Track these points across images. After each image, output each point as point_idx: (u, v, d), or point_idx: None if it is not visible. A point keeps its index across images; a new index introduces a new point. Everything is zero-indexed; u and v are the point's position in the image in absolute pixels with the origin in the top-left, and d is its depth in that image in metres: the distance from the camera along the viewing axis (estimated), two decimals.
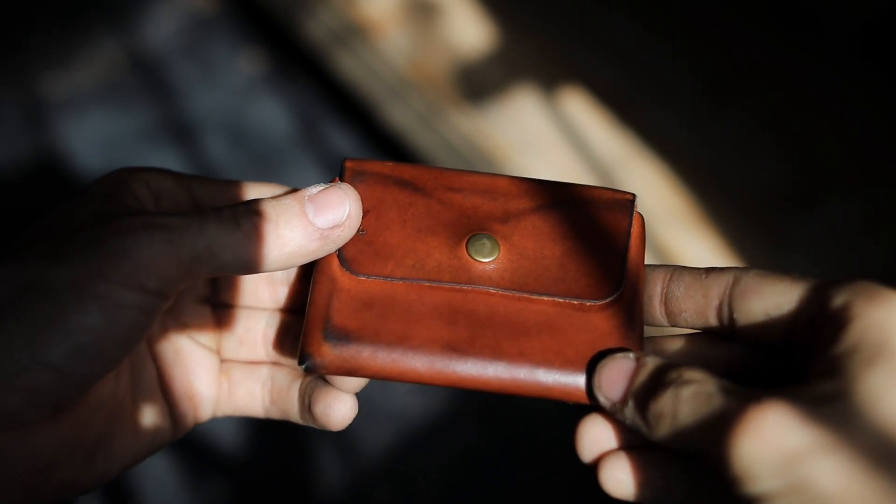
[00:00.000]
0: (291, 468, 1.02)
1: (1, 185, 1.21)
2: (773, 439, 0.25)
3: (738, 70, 1.13)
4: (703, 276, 0.32)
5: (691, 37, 1.15)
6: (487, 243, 0.33)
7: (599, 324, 0.32)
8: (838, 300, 0.28)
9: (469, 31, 1.16)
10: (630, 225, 0.34)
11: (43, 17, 1.32)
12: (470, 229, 0.33)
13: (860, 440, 0.24)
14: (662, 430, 0.28)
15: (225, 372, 0.37)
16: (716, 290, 0.32)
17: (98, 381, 0.30)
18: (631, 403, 0.29)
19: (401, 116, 1.12)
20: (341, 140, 1.22)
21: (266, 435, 1.04)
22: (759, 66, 1.13)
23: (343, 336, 0.31)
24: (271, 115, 1.25)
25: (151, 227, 0.29)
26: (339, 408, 0.34)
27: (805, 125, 1.08)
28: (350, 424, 0.36)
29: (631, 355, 0.31)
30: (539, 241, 0.33)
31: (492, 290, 0.32)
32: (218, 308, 0.37)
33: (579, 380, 0.31)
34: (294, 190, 0.34)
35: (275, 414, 0.36)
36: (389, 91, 1.13)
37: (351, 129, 1.22)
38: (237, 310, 0.37)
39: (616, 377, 0.30)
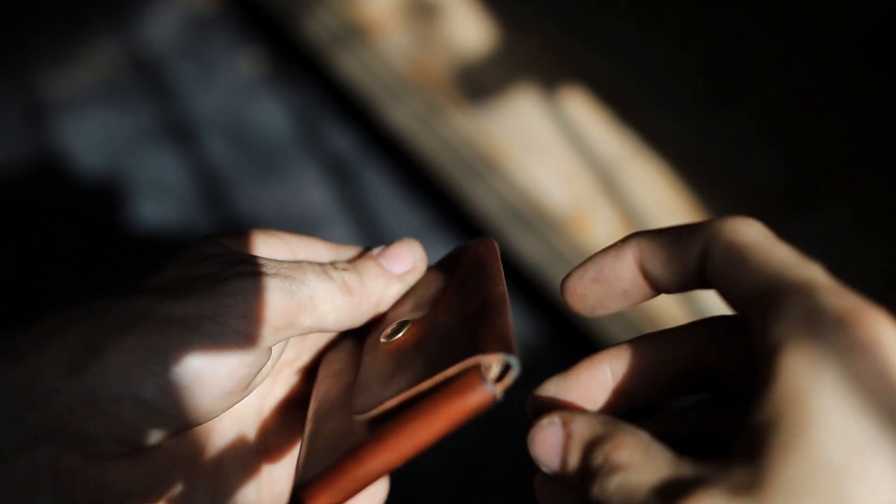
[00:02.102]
0: None
1: (1, 184, 1.21)
2: None
3: (739, 70, 1.13)
4: (675, 245, 0.28)
5: (691, 37, 1.15)
6: None
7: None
8: (774, 333, 0.23)
9: (469, 31, 1.16)
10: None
11: (43, 17, 1.32)
12: None
13: None
14: None
15: None
16: (690, 257, 0.27)
17: (183, 430, 0.29)
18: (570, 476, 0.27)
19: (401, 116, 1.12)
20: (341, 140, 1.22)
21: None
22: (759, 65, 1.13)
23: None
24: (271, 115, 1.25)
25: (267, 274, 0.30)
26: None
27: (805, 125, 1.08)
28: None
29: (556, 420, 0.28)
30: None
31: None
32: None
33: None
34: (366, 249, 0.36)
35: None
36: (389, 91, 1.13)
37: (351, 129, 1.22)
38: None
39: (548, 447, 0.28)
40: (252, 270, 0.30)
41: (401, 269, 0.35)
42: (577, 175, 1.05)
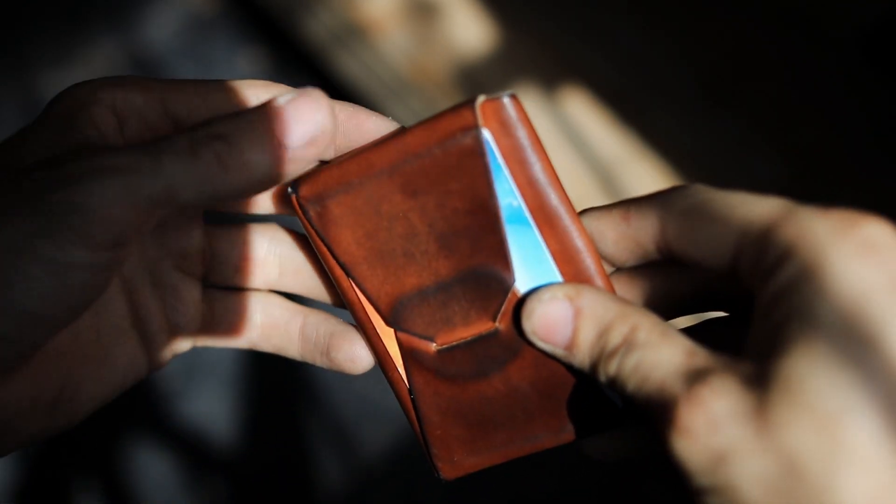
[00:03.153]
0: (291, 468, 1.02)
1: None
2: (701, 439, 0.23)
3: (739, 70, 1.13)
4: (625, 225, 0.28)
5: (691, 36, 1.15)
6: None
7: None
8: (773, 255, 0.24)
9: (469, 31, 1.16)
10: None
11: (43, 17, 1.32)
12: None
13: (774, 444, 0.22)
14: (618, 392, 0.27)
15: (207, 300, 0.33)
16: (646, 237, 0.28)
17: (50, 340, 0.27)
18: (579, 356, 0.27)
19: (401, 116, 1.12)
20: None
21: (267, 435, 1.04)
22: (759, 65, 1.13)
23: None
24: None
25: (102, 173, 0.25)
26: (364, 353, 0.32)
27: (805, 125, 1.08)
28: (350, 424, 0.36)
29: (560, 294, 0.28)
30: None
31: None
32: (212, 226, 0.33)
33: None
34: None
35: (264, 347, 0.34)
36: (389, 91, 1.13)
37: None
38: (235, 229, 0.33)
39: (553, 324, 0.28)
40: (81, 172, 0.25)
41: (297, 139, 0.27)
42: (577, 175, 1.05)
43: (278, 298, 0.34)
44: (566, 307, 0.27)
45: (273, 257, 0.33)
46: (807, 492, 0.22)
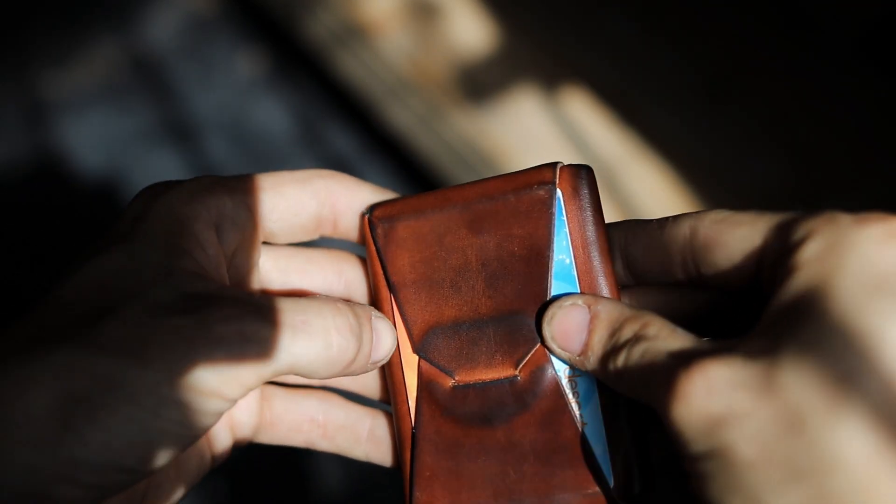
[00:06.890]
0: (292, 468, 1.02)
1: (0, 185, 1.21)
2: (698, 404, 0.24)
3: (739, 69, 1.13)
4: (659, 232, 0.30)
5: (691, 36, 1.15)
6: None
7: None
8: (795, 238, 0.26)
9: (469, 31, 1.16)
10: None
11: (43, 17, 1.32)
12: None
13: (778, 403, 0.23)
14: (620, 388, 0.28)
15: (266, 398, 0.35)
16: (675, 246, 0.29)
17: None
18: (591, 357, 0.28)
19: (401, 116, 1.12)
20: (341, 140, 1.22)
21: None
22: (759, 65, 1.13)
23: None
24: (271, 115, 1.25)
25: (243, 340, 0.27)
26: None
27: (806, 125, 1.08)
28: None
29: (580, 302, 0.29)
30: None
31: None
32: None
33: None
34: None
35: (323, 447, 0.35)
36: (389, 91, 1.13)
37: (351, 129, 1.22)
38: None
39: (571, 328, 0.29)
40: (224, 336, 0.27)
41: (379, 357, 0.32)
42: None
43: (338, 399, 0.36)
44: (584, 313, 0.29)
45: None
46: (805, 447, 0.22)
